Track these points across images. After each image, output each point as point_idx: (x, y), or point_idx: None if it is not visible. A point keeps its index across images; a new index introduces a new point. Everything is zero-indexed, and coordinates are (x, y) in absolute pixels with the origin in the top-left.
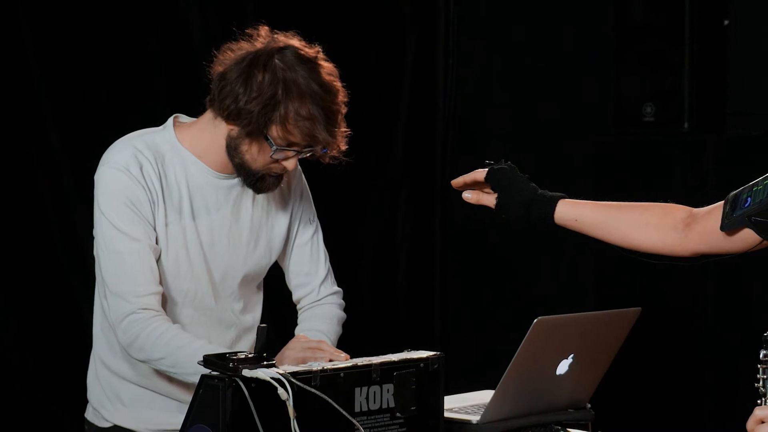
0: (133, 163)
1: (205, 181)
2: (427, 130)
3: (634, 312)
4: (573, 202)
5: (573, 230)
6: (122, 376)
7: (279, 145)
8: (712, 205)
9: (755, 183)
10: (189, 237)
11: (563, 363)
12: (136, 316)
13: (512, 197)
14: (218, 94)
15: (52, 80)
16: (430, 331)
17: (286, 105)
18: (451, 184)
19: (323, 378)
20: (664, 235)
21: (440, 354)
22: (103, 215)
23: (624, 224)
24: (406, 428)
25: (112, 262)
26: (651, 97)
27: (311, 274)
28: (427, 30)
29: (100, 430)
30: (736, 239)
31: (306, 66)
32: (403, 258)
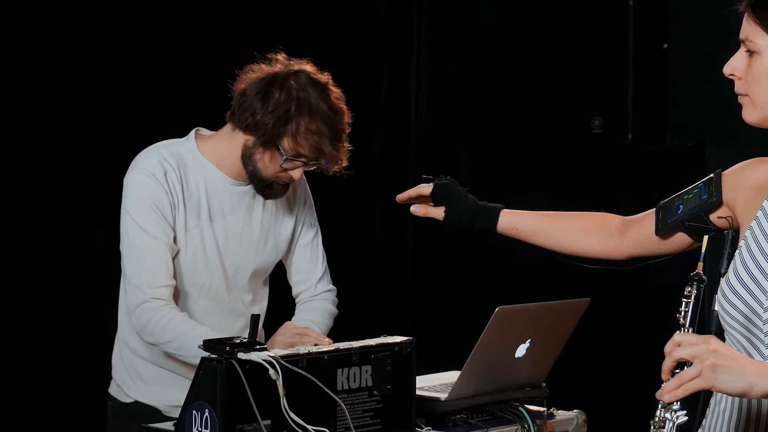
0: (159, 169)
1: (222, 187)
2: (402, 140)
3: (584, 302)
4: (513, 212)
5: (513, 238)
6: (143, 357)
7: (289, 155)
8: (642, 213)
9: (685, 192)
10: (206, 236)
11: (521, 347)
12: (148, 304)
13: (458, 209)
14: (238, 108)
15: (68, 94)
16: (404, 319)
17: (298, 120)
18: (396, 199)
19: (309, 360)
20: (602, 241)
21: (412, 339)
22: (128, 214)
23: (563, 232)
24: (383, 404)
25: (132, 256)
26: (599, 112)
27: (310, 272)
28: (402, 52)
29: (123, 404)
30: (670, 243)
31: (317, 88)
32: (381, 254)
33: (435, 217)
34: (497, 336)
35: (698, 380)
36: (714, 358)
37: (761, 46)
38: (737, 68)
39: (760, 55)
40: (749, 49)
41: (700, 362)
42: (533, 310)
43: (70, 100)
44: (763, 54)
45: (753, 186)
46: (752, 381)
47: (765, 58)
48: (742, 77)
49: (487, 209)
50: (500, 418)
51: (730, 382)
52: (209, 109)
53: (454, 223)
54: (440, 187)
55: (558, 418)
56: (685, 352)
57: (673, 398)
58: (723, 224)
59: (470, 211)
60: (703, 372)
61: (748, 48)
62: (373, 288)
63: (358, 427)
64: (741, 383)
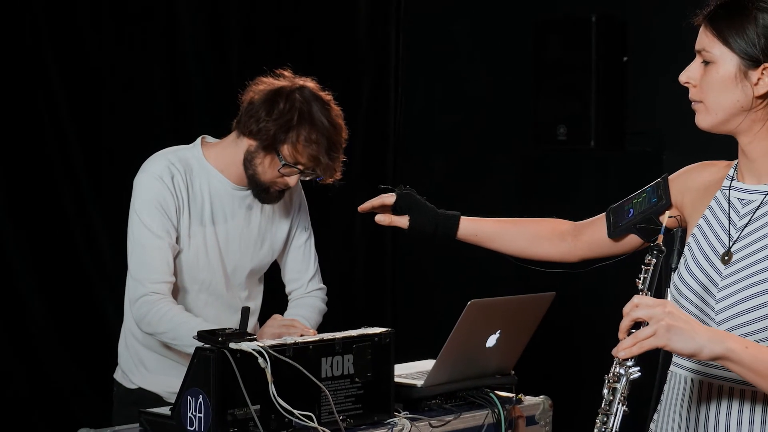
0: (167, 173)
1: (225, 191)
2: (380, 147)
3: (550, 296)
4: (472, 219)
5: (473, 243)
6: (146, 346)
7: (287, 162)
8: (592, 218)
9: (635, 196)
10: (208, 236)
11: (492, 337)
12: (147, 297)
13: (421, 218)
14: (244, 116)
15: (73, 102)
16: (383, 312)
17: (299, 129)
18: (358, 209)
19: (295, 350)
20: (556, 246)
21: (391, 330)
22: (135, 213)
23: (519, 238)
24: (363, 391)
25: (136, 252)
26: (564, 120)
27: (302, 271)
28: (381, 65)
29: (128, 390)
30: (621, 244)
31: (319, 103)
32: (361, 252)
33: (399, 226)
34: (469, 327)
35: (653, 339)
36: (669, 319)
37: (717, 56)
38: (692, 77)
39: (716, 64)
40: (705, 60)
41: (656, 322)
42: (503, 304)
43: (75, 108)
44: (719, 63)
45: (699, 188)
46: (702, 343)
47: (721, 67)
48: (696, 85)
49: (447, 217)
50: (472, 404)
51: (682, 342)
52: (203, 113)
53: (418, 232)
54: (403, 197)
55: (526, 403)
56: (642, 313)
57: (628, 355)
58: (672, 223)
59: (432, 219)
60: (658, 331)
61: (704, 58)
62: (354, 284)
63: (340, 411)
64: (692, 344)
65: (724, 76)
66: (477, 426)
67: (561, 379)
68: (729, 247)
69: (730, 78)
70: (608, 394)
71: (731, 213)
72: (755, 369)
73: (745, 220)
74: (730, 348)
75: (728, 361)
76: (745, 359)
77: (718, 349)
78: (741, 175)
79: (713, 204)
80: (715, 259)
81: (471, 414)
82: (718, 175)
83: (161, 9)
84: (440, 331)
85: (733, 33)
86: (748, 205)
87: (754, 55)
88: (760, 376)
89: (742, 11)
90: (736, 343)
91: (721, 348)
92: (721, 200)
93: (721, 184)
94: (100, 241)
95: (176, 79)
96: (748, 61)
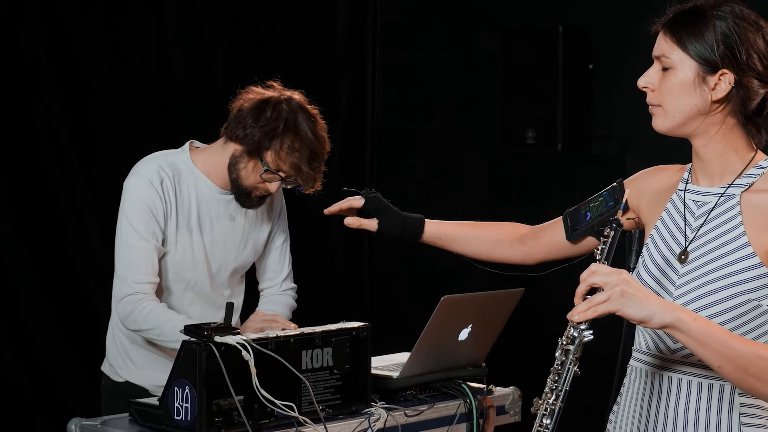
0: (156, 177)
1: (211, 195)
2: (358, 149)
3: (519, 292)
4: (436, 222)
5: (435, 246)
6: (133, 341)
7: (270, 168)
8: (549, 222)
9: (591, 200)
10: (195, 239)
11: (464, 331)
12: (132, 297)
13: (389, 221)
14: (232, 122)
15: (67, 108)
16: (360, 307)
17: (283, 138)
18: (324, 212)
19: (277, 343)
20: (515, 249)
21: (368, 324)
22: (125, 215)
23: (482, 242)
24: (342, 382)
25: (123, 253)
26: (532, 124)
27: (278, 271)
28: (358, 72)
29: (115, 383)
30: (579, 246)
31: (305, 114)
32: (340, 250)
33: (368, 229)
34: (443, 321)
35: (606, 304)
36: (623, 285)
37: (676, 62)
38: (650, 81)
39: (675, 69)
40: (665, 66)
41: (610, 288)
42: (474, 299)
43: (69, 113)
44: (678, 69)
45: (655, 191)
46: (653, 311)
47: (680, 72)
48: (655, 89)
49: (413, 219)
50: (445, 394)
51: (634, 308)
52: (189, 119)
53: (386, 234)
54: (370, 200)
55: (496, 393)
56: (598, 279)
57: (582, 318)
58: (630, 225)
59: (399, 222)
60: (612, 297)
61: (663, 64)
62: (333, 280)
63: (320, 402)
64: (643, 311)
65: (683, 80)
66: (450, 415)
67: (530, 371)
68: (685, 247)
69: (689, 83)
70: (561, 355)
71: (687, 214)
72: (702, 341)
73: (700, 221)
74: (679, 318)
75: (676, 330)
76: (693, 330)
77: (668, 317)
78: (695, 178)
79: (669, 206)
80: (672, 259)
81: (444, 404)
82: (672, 178)
83: (150, 21)
84: (415, 326)
85: (692, 39)
86: (703, 206)
87: (712, 60)
88: (705, 348)
89: (700, 19)
90: (686, 314)
91: (671, 317)
92: (677, 202)
93: (677, 187)
94: (92, 239)
95: (164, 87)
96: (706, 67)
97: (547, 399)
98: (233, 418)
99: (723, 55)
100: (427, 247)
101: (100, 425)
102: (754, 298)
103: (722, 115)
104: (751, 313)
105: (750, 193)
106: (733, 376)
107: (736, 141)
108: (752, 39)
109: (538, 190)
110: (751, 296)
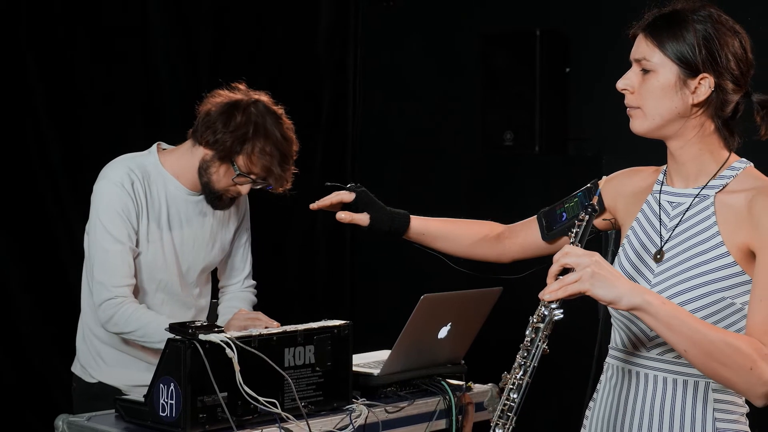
0: (126, 179)
1: (180, 196)
2: (340, 153)
3: (497, 290)
4: (420, 218)
5: (416, 242)
6: (104, 341)
7: (242, 172)
8: (523, 222)
9: (566, 200)
10: (165, 239)
11: (443, 329)
12: (112, 301)
13: (379, 215)
14: (201, 126)
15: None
16: (342, 305)
17: (254, 142)
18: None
19: (260, 341)
20: (492, 247)
21: (350, 322)
22: (99, 219)
23: (462, 240)
24: (324, 379)
25: (99, 257)
26: (510, 127)
27: (240, 269)
28: (340, 79)
29: (88, 384)
30: (555, 246)
31: (273, 116)
32: (322, 250)
33: (360, 224)
34: (423, 320)
35: (577, 284)
36: (594, 267)
37: (657, 65)
38: (630, 84)
39: (656, 72)
40: (645, 68)
41: (581, 269)
42: (454, 297)
43: (55, 116)
44: (659, 72)
45: (630, 193)
46: (622, 293)
47: (661, 75)
48: (634, 92)
49: (399, 215)
50: (425, 391)
51: (603, 289)
52: (175, 124)
53: (376, 229)
54: (361, 195)
55: (475, 390)
56: (570, 260)
57: (553, 297)
58: (606, 226)
59: (387, 217)
60: (582, 277)
61: (643, 67)
62: (315, 279)
63: (302, 398)
64: (613, 292)
65: (664, 83)
66: (429, 412)
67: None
68: (661, 247)
69: (670, 86)
70: (531, 333)
71: (662, 215)
72: (669, 324)
73: (675, 221)
74: (647, 300)
75: (644, 313)
76: (661, 313)
77: (637, 299)
78: (670, 180)
79: (645, 207)
80: (648, 258)
81: (424, 401)
82: (647, 180)
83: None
84: (395, 324)
85: (673, 42)
86: (678, 207)
87: (693, 63)
88: (672, 331)
89: (680, 22)
90: (655, 298)
91: (640, 299)
92: (652, 203)
93: (652, 189)
94: (79, 240)
95: (150, 91)
96: (687, 70)
97: (516, 374)
98: (217, 414)
99: (704, 58)
100: (407, 245)
101: (87, 421)
102: (728, 296)
103: (701, 118)
104: (725, 311)
105: (724, 193)
106: (699, 361)
107: (712, 144)
108: (730, 43)
109: (516, 190)
110: (725, 294)
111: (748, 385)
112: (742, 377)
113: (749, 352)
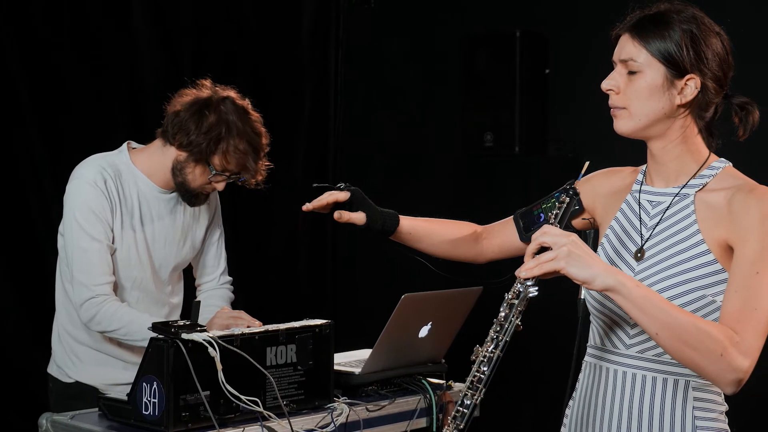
0: (99, 178)
1: (152, 194)
2: (322, 150)
3: (477, 290)
4: (407, 218)
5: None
6: (79, 341)
7: (217, 170)
8: (500, 222)
9: (543, 201)
10: (138, 237)
11: (424, 328)
12: (94, 300)
13: (373, 214)
14: (171, 128)
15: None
16: (323, 304)
17: (227, 140)
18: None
19: (242, 340)
20: (471, 247)
21: (331, 322)
22: (75, 219)
23: (444, 240)
24: (305, 378)
25: (77, 256)
26: (490, 128)
27: (215, 266)
28: (322, 76)
29: (65, 384)
30: None
31: (242, 112)
32: (304, 249)
33: (356, 222)
34: (403, 319)
35: (552, 262)
36: (571, 246)
37: (643, 65)
38: (616, 84)
39: (643, 73)
40: (631, 69)
41: (558, 248)
42: (434, 297)
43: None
44: (645, 71)
45: (608, 193)
46: (596, 273)
47: (648, 75)
48: (620, 92)
49: (389, 214)
50: (406, 389)
51: (578, 268)
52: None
53: (371, 228)
54: (355, 194)
55: (455, 389)
56: (548, 239)
57: (528, 275)
58: (585, 225)
59: (379, 216)
60: (558, 255)
61: (629, 68)
62: (298, 278)
63: (284, 397)
64: (587, 272)
65: (651, 84)
66: (410, 410)
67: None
68: (641, 245)
69: (657, 86)
70: (505, 308)
71: (642, 214)
72: (641, 306)
73: (655, 220)
74: (621, 282)
75: (617, 294)
76: (634, 295)
77: (610, 280)
78: (650, 179)
79: (624, 207)
80: (628, 257)
81: (404, 399)
82: (626, 180)
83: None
84: (376, 323)
85: (661, 43)
86: (658, 206)
87: (680, 64)
88: (644, 313)
89: (667, 23)
90: (629, 280)
91: (613, 280)
92: (632, 203)
93: (631, 188)
94: None
95: (134, 92)
96: (673, 71)
97: (487, 347)
98: (200, 412)
99: (692, 58)
100: (388, 245)
101: (71, 420)
102: (709, 294)
103: (685, 119)
104: (706, 308)
105: (704, 192)
106: (670, 344)
107: (694, 144)
108: (714, 43)
109: (496, 191)
110: (706, 292)
111: (718, 371)
112: (713, 363)
113: (720, 338)
